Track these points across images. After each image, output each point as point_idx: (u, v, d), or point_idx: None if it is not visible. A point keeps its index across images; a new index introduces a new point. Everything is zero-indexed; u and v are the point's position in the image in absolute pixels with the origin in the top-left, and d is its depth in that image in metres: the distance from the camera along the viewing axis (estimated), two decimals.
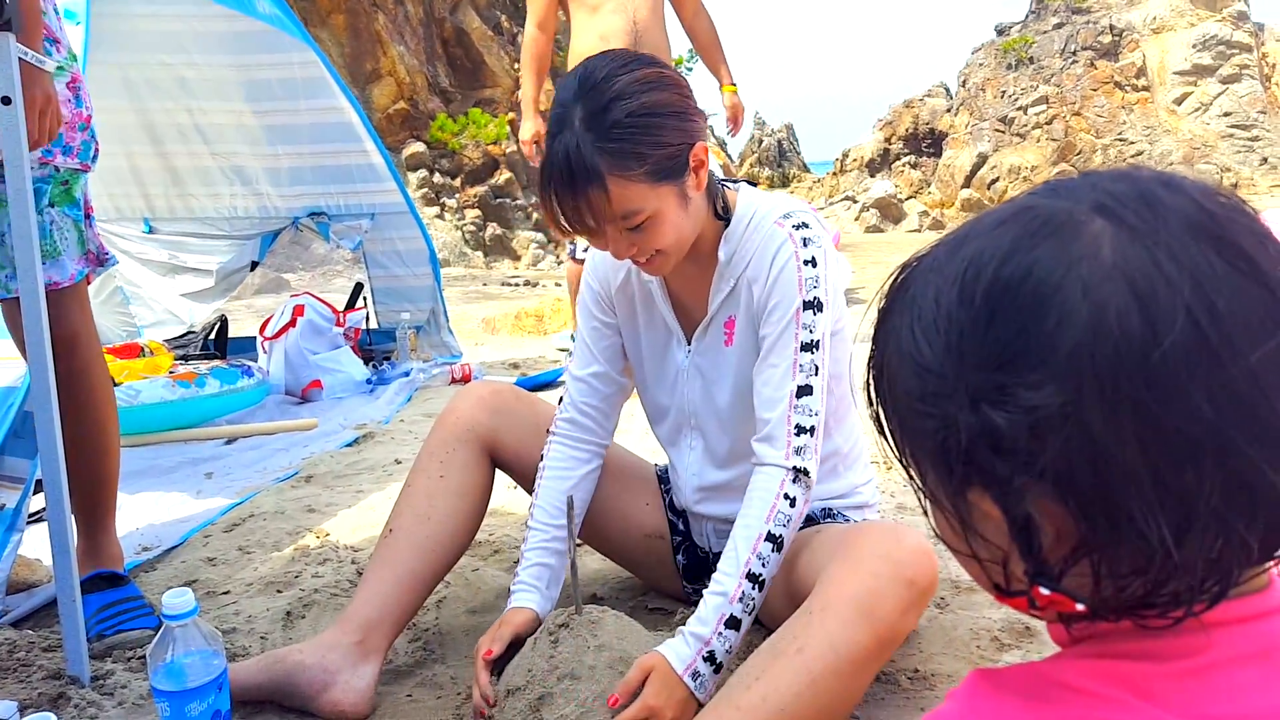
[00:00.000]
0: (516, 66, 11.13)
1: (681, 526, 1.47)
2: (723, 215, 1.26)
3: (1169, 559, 0.42)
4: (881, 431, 0.51)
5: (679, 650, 1.09)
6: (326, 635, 1.28)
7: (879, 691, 1.26)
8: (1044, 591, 0.45)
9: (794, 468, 1.14)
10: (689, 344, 1.33)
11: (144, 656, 1.37)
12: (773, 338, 1.19)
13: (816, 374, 1.16)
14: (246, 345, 3.80)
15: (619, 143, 1.10)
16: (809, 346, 1.17)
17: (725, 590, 1.11)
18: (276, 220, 3.90)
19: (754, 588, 1.11)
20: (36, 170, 1.42)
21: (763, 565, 1.11)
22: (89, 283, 1.56)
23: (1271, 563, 0.45)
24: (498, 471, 1.46)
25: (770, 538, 1.12)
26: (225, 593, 1.68)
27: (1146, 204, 0.44)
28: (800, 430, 1.14)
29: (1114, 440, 0.41)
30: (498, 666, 1.19)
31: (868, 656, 0.97)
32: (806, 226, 1.22)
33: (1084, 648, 0.48)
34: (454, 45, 10.52)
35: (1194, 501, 0.41)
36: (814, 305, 1.18)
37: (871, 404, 0.51)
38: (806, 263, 1.19)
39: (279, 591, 1.66)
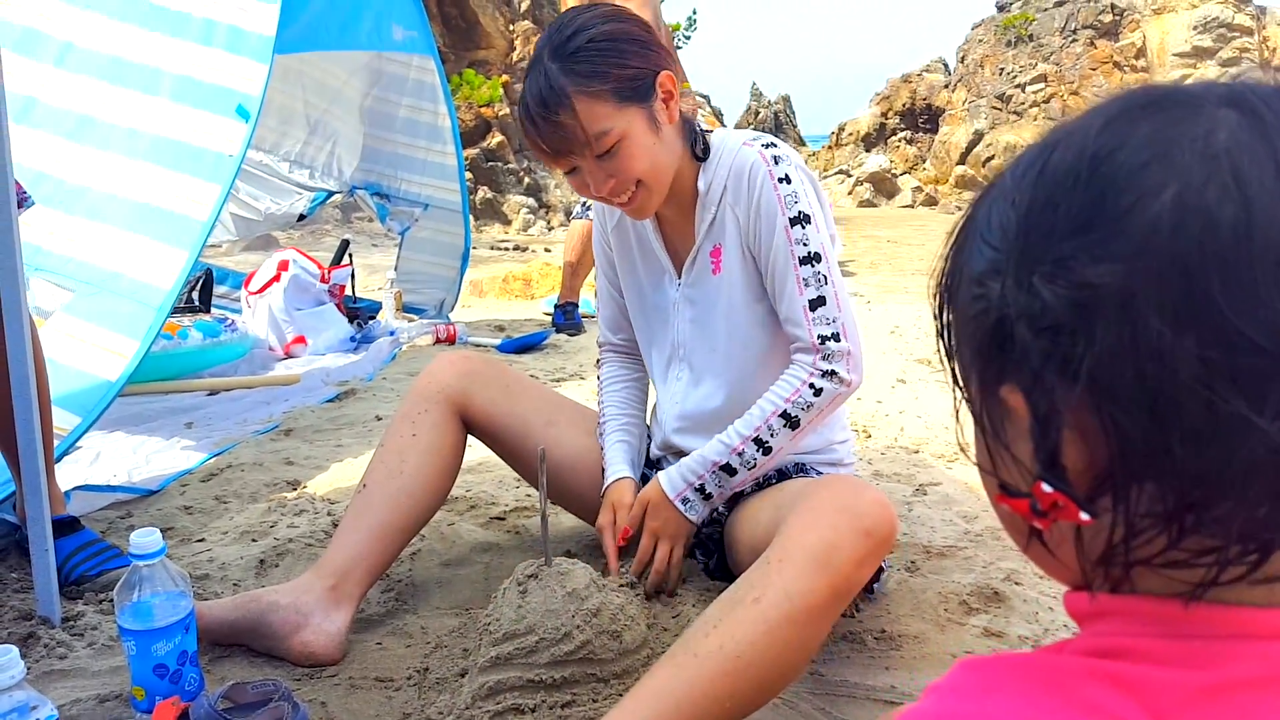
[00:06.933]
0: (511, 29, 10.96)
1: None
2: (703, 157, 1.31)
3: (1202, 504, 0.36)
4: (942, 337, 0.47)
5: (672, 480, 1.29)
6: (301, 579, 1.29)
7: (845, 650, 1.28)
8: (1046, 489, 0.39)
9: (822, 370, 1.22)
10: (679, 278, 1.38)
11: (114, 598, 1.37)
12: (772, 261, 1.26)
13: (825, 283, 1.23)
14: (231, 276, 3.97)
15: (583, 64, 1.18)
16: (807, 260, 1.24)
17: (730, 442, 1.25)
18: (336, 183, 4.05)
19: (758, 450, 1.23)
20: None
21: (771, 435, 1.23)
22: None
23: None
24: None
25: (785, 415, 1.22)
26: (200, 540, 1.69)
27: None
28: (824, 339, 1.22)
29: (1170, 342, 0.35)
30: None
31: (823, 605, 0.98)
32: (774, 146, 1.29)
33: (1092, 639, 0.41)
34: (449, 5, 10.35)
35: (1247, 434, 0.35)
36: (800, 220, 1.24)
37: (938, 314, 0.47)
38: (781, 180, 1.25)
39: (253, 540, 1.66)
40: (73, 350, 1.89)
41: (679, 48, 3.96)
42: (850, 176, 13.60)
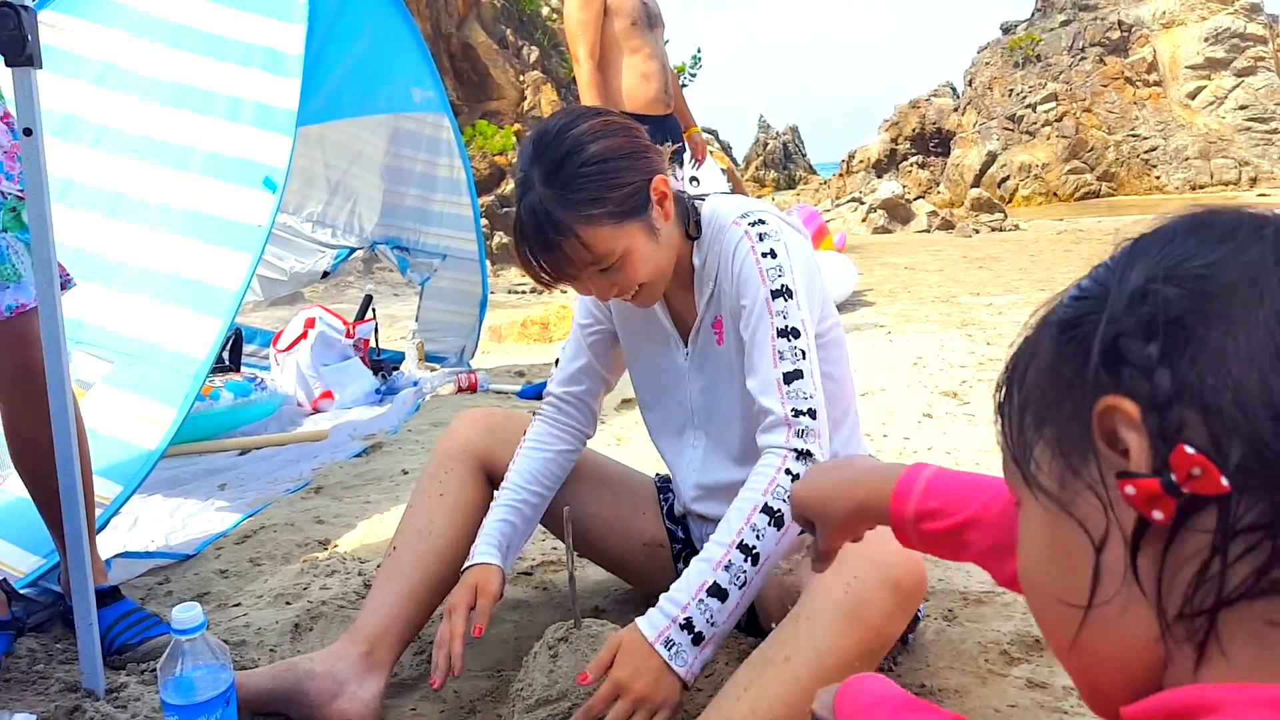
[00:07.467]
0: (522, 79, 11.19)
1: (681, 534, 1.49)
2: (697, 234, 1.30)
3: None
4: (1002, 415, 0.47)
5: (652, 618, 1.07)
6: (335, 646, 1.31)
7: None
8: (1189, 450, 0.37)
9: (795, 450, 1.13)
10: (686, 347, 1.37)
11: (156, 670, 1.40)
12: (750, 333, 1.21)
13: (803, 358, 1.16)
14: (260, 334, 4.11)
15: (579, 193, 1.15)
16: (785, 333, 1.17)
17: (711, 557, 1.08)
18: (358, 239, 4.17)
19: (745, 559, 1.07)
20: None
21: (757, 537, 1.08)
22: None
23: None
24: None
25: (767, 509, 1.09)
26: (236, 605, 1.71)
27: None
28: (798, 413, 1.14)
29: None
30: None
31: (855, 663, 0.98)
32: (763, 223, 1.24)
33: None
34: (461, 60, 10.61)
35: None
36: (783, 293, 1.19)
37: (1005, 402, 0.46)
38: (765, 255, 1.22)
39: (287, 604, 1.69)
40: (114, 420, 1.95)
41: (684, 86, 4.08)
42: (863, 204, 13.62)
